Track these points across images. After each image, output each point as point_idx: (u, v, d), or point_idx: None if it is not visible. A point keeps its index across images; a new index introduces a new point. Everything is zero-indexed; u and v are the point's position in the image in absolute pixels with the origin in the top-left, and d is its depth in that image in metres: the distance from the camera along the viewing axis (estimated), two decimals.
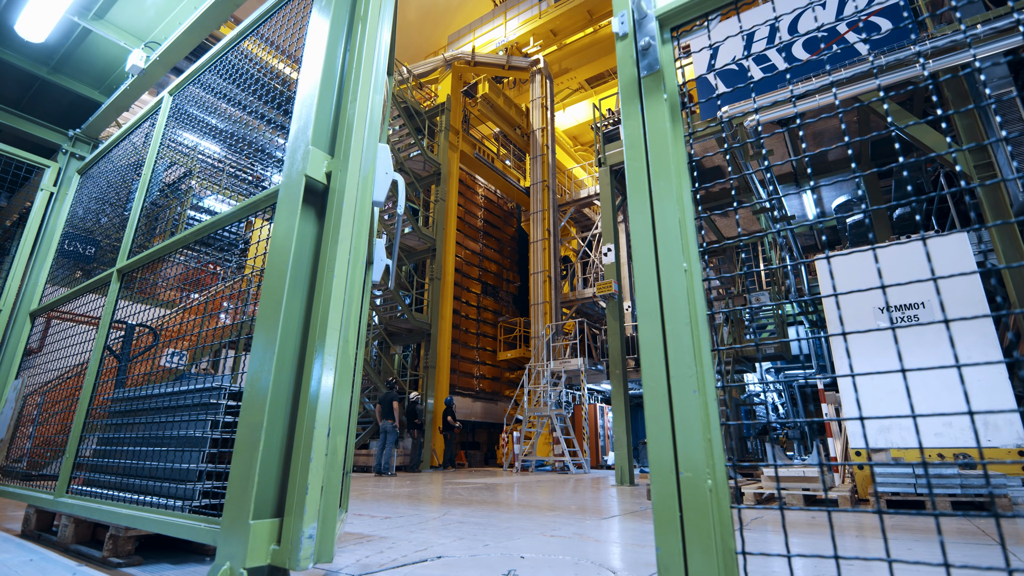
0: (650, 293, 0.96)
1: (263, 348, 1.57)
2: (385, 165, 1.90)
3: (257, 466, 1.44)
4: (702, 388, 0.88)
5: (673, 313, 0.93)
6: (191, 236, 2.41)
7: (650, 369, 0.92)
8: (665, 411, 0.89)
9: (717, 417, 0.87)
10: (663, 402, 0.90)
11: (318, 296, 1.63)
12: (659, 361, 0.92)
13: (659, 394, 0.91)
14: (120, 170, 3.76)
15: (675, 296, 0.94)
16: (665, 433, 0.89)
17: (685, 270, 0.94)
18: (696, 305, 0.92)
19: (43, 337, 5.01)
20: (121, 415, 2.62)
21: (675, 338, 0.91)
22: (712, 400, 0.87)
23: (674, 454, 0.87)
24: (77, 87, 4.43)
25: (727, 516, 0.82)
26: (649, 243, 0.99)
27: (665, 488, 0.86)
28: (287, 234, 1.67)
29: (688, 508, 0.83)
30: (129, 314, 2.94)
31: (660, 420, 0.90)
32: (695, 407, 0.87)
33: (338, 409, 1.57)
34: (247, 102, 2.77)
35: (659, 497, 0.87)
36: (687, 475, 0.85)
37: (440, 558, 2.47)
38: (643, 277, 0.98)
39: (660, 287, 0.96)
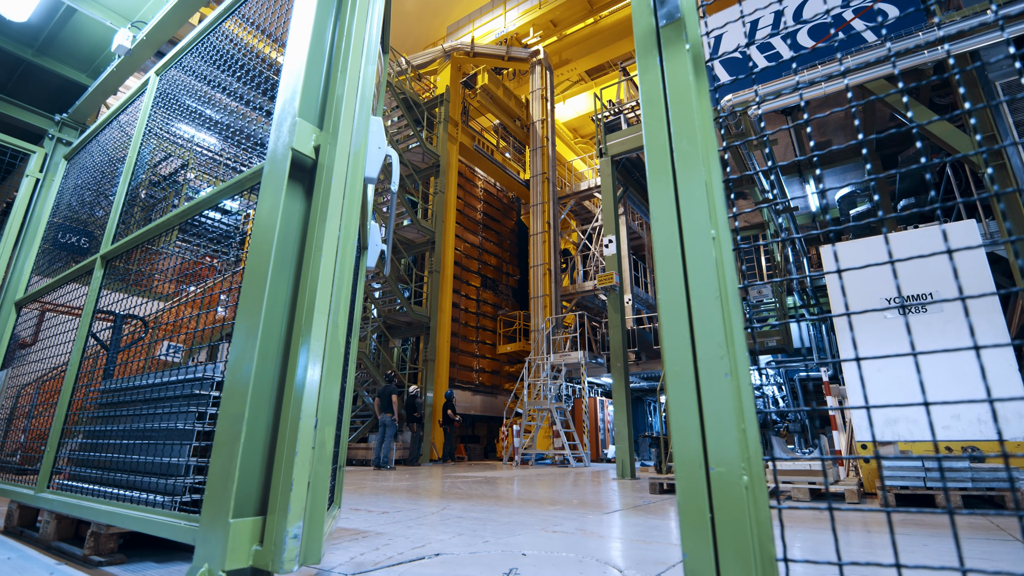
0: (672, 265, 0.85)
1: (245, 333, 1.45)
2: (378, 139, 1.78)
3: (238, 460, 1.32)
4: (734, 371, 0.77)
5: (700, 286, 0.81)
6: (175, 219, 2.29)
7: (673, 351, 0.81)
8: (692, 398, 0.78)
9: (752, 404, 0.76)
10: (689, 388, 0.79)
11: (305, 277, 1.51)
12: (684, 342, 0.81)
13: (684, 379, 0.80)
14: (107, 154, 3.64)
15: (702, 267, 0.82)
16: (691, 423, 0.78)
17: (713, 238, 0.83)
18: (726, 277, 0.81)
19: (37, 330, 4.89)
20: (104, 407, 2.51)
21: (703, 315, 0.80)
22: (746, 385, 0.77)
23: (703, 447, 0.76)
24: (63, 70, 4.30)
25: (766, 517, 0.71)
26: (671, 210, 0.87)
27: (692, 485, 0.75)
28: (272, 211, 1.56)
29: (720, 508, 0.73)
30: (126, 307, 2.82)
31: (685, 408, 0.79)
32: (727, 393, 0.76)
33: (326, 399, 1.45)
34: (235, 87, 2.64)
35: (686, 496, 0.76)
36: (719, 471, 0.74)
37: (438, 556, 2.37)
38: (664, 247, 0.86)
39: (684, 258, 0.84)
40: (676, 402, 0.79)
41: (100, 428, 2.44)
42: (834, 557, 2.44)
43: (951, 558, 2.42)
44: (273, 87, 2.23)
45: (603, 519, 3.57)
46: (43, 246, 4.04)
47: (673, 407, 0.79)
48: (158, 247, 2.68)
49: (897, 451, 4.97)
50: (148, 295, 2.82)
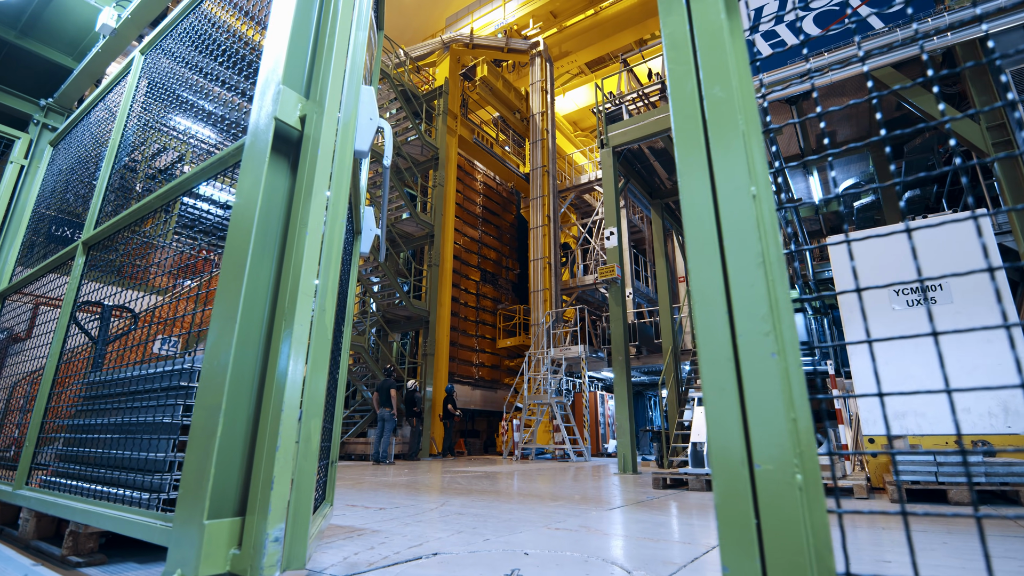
0: (704, 229, 0.72)
1: (223, 318, 1.33)
2: (370, 110, 1.65)
3: (214, 456, 1.20)
4: (782, 350, 0.65)
5: (739, 252, 0.69)
6: (156, 200, 2.16)
7: (707, 329, 0.69)
8: (731, 383, 0.66)
9: (804, 389, 0.64)
10: (727, 372, 0.67)
11: (289, 258, 1.39)
12: (719, 317, 0.69)
13: (720, 361, 0.68)
14: (93, 138, 3.50)
15: (741, 230, 0.70)
16: (731, 413, 0.66)
17: (754, 195, 0.71)
18: (769, 240, 0.69)
19: (31, 324, 4.77)
20: (85, 401, 2.39)
21: (743, 285, 0.68)
22: (796, 366, 0.65)
23: (745, 441, 0.64)
24: (48, 53, 4.15)
25: (823, 524, 0.59)
26: (701, 165, 0.75)
27: (733, 486, 0.64)
28: (253, 186, 1.43)
29: (768, 514, 0.61)
30: (118, 300, 2.69)
31: (723, 396, 0.67)
32: (774, 375, 0.64)
33: (312, 389, 1.33)
34: (223, 74, 2.50)
35: (725, 498, 0.64)
36: (766, 468, 0.63)
37: (436, 555, 2.25)
38: (695, 209, 0.74)
39: (719, 220, 0.72)
40: (712, 389, 0.67)
41: (81, 422, 2.33)
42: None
43: (973, 556, 2.31)
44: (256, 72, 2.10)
45: (607, 515, 3.46)
46: (28, 236, 3.91)
47: (709, 395, 0.67)
48: (151, 239, 2.55)
49: (907, 445, 4.86)
50: (138, 287, 2.70)
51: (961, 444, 0.68)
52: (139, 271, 2.48)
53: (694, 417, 5.79)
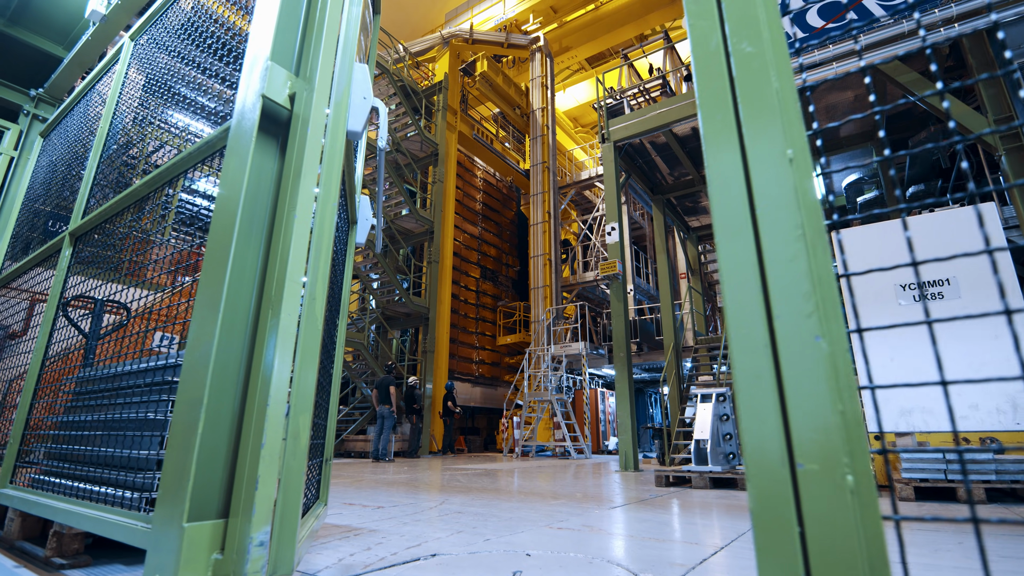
0: (733, 199, 0.64)
1: (206, 307, 1.25)
2: (363, 88, 1.56)
3: (195, 453, 1.12)
4: (828, 332, 0.56)
5: (775, 223, 0.61)
6: (143, 188, 2.07)
7: (739, 310, 0.61)
8: (767, 370, 0.58)
9: (852, 377, 0.55)
10: (762, 357, 0.58)
11: (276, 243, 1.30)
12: (752, 297, 0.60)
13: (754, 345, 0.59)
14: (82, 128, 3.41)
15: (776, 199, 0.62)
16: (767, 404, 0.58)
17: (791, 159, 0.63)
18: (810, 209, 0.60)
19: (27, 320, 4.69)
20: (70, 397, 2.31)
21: (780, 260, 0.60)
22: (843, 351, 0.56)
23: (785, 436, 0.56)
24: (38, 42, 4.06)
25: (878, 532, 0.51)
26: (729, 129, 0.67)
27: (771, 489, 0.55)
28: (239, 166, 1.34)
29: (814, 521, 0.53)
30: (111, 294, 2.60)
31: (758, 385, 0.58)
32: (819, 362, 0.56)
33: (301, 382, 1.25)
34: (214, 62, 2.41)
35: (762, 503, 0.56)
36: (810, 469, 0.54)
37: (435, 556, 2.17)
38: (722, 178, 0.66)
39: (750, 188, 0.64)
40: (745, 378, 0.59)
41: (66, 419, 2.24)
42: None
43: (992, 558, 2.23)
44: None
45: (610, 514, 3.39)
46: (17, 230, 3.83)
47: (741, 385, 0.59)
48: (140, 229, 2.46)
49: (914, 442, 4.78)
50: (128, 281, 2.61)
51: (957, 440, 0.60)
52: (128, 263, 2.39)
53: (697, 414, 5.71)
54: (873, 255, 6.17)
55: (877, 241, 6.20)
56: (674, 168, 10.57)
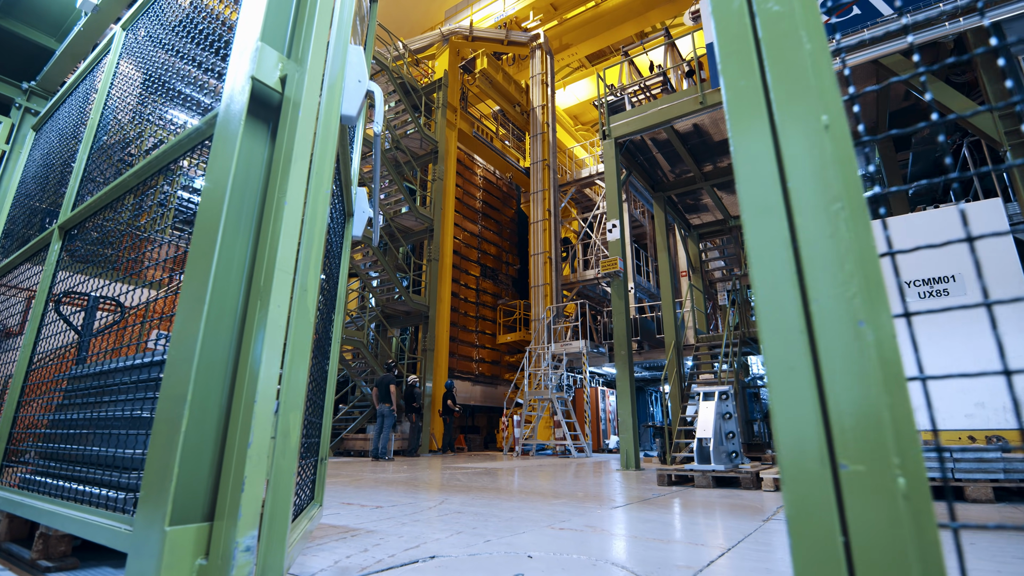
0: (762, 170, 0.58)
1: (191, 299, 1.18)
2: (358, 71, 1.49)
3: (178, 453, 1.06)
4: (873, 317, 0.50)
5: (810, 196, 0.55)
6: (132, 179, 2.01)
7: (769, 293, 0.54)
8: (802, 360, 0.52)
9: (901, 366, 0.49)
10: (797, 345, 0.52)
11: (266, 231, 1.24)
12: (784, 277, 0.54)
13: (787, 332, 0.53)
14: (73, 121, 3.35)
15: (811, 169, 0.55)
16: (803, 397, 0.51)
17: (826, 126, 0.56)
18: (849, 179, 0.54)
19: (24, 318, 4.63)
20: (59, 395, 2.24)
21: (816, 237, 0.53)
22: (890, 337, 0.50)
23: (825, 433, 0.50)
24: (30, 33, 3.99)
25: (934, 542, 0.45)
26: (756, 95, 0.60)
27: (809, 493, 0.49)
28: (227, 152, 1.28)
29: (861, 530, 0.46)
30: (110, 292, 2.54)
31: (792, 376, 0.52)
32: (863, 351, 0.49)
33: (292, 377, 1.19)
34: (209, 53, 2.34)
35: (799, 509, 0.49)
36: (855, 470, 0.48)
37: (434, 558, 2.11)
38: (747, 146, 0.59)
39: (781, 158, 0.57)
40: (777, 369, 0.53)
41: (54, 417, 2.18)
42: None
43: (1007, 560, 2.17)
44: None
45: (612, 514, 3.33)
46: (8, 226, 3.76)
47: (773, 376, 0.53)
48: (132, 221, 2.39)
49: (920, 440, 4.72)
50: (119, 276, 2.55)
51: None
52: (119, 258, 2.33)
53: (699, 412, 5.65)
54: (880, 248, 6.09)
55: (881, 236, 6.11)
56: (675, 165, 10.51)
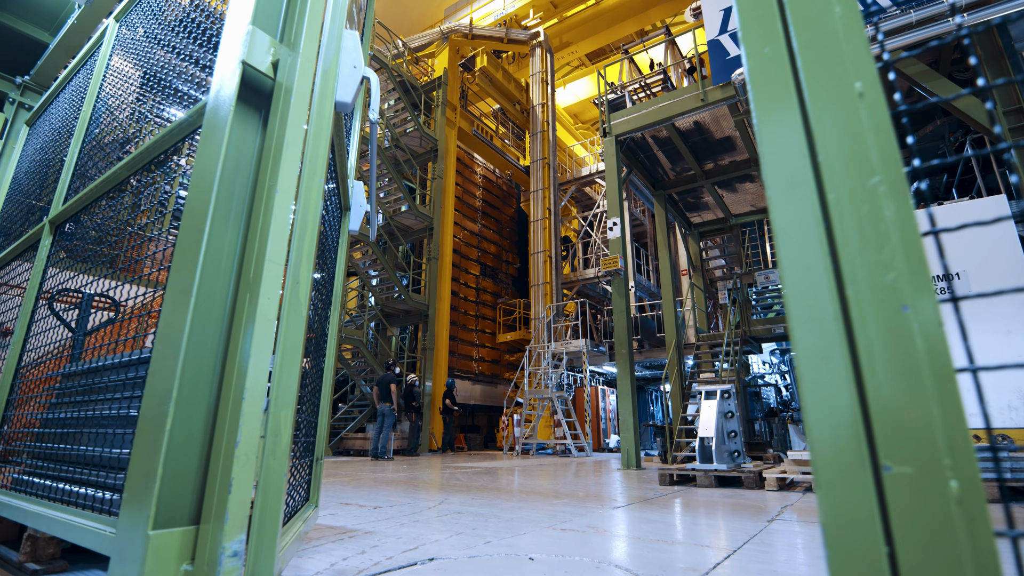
0: (789, 142, 0.52)
1: (177, 292, 1.13)
2: (353, 57, 1.44)
3: (162, 452, 1.01)
4: (918, 301, 0.45)
5: (843, 169, 0.49)
6: (123, 171, 1.96)
7: (798, 278, 0.49)
8: (838, 349, 0.46)
9: (950, 356, 0.44)
10: (831, 333, 0.47)
11: (256, 221, 1.18)
12: (815, 257, 0.49)
13: (820, 318, 0.48)
14: (70, 115, 3.29)
15: (845, 141, 0.50)
16: (839, 391, 0.46)
17: (860, 94, 0.51)
18: (887, 151, 0.49)
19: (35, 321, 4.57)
20: (49, 393, 2.19)
21: (850, 216, 0.48)
22: (936, 324, 0.45)
23: (866, 431, 0.44)
24: (24, 27, 3.93)
25: (991, 552, 0.40)
26: (781, 61, 0.55)
27: (848, 498, 0.44)
28: (216, 139, 1.23)
29: (908, 540, 0.41)
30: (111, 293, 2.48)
31: (826, 368, 0.47)
32: (908, 338, 0.44)
33: (284, 373, 1.14)
34: (203, 44, 2.28)
35: (835, 516, 0.44)
36: (900, 472, 0.43)
37: (433, 560, 2.06)
38: (772, 117, 0.54)
39: (810, 130, 0.52)
40: (809, 359, 0.48)
41: (43, 416, 2.13)
42: None
43: None
44: None
45: (615, 515, 3.27)
46: (1, 223, 3.71)
47: (805, 368, 0.48)
48: (124, 213, 2.34)
49: None
50: (111, 273, 2.49)
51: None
52: (111, 253, 2.27)
53: (701, 411, 5.59)
54: None
55: None
56: (676, 163, 10.45)
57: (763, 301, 12.53)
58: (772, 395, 17.42)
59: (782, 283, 0.52)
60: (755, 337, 11.46)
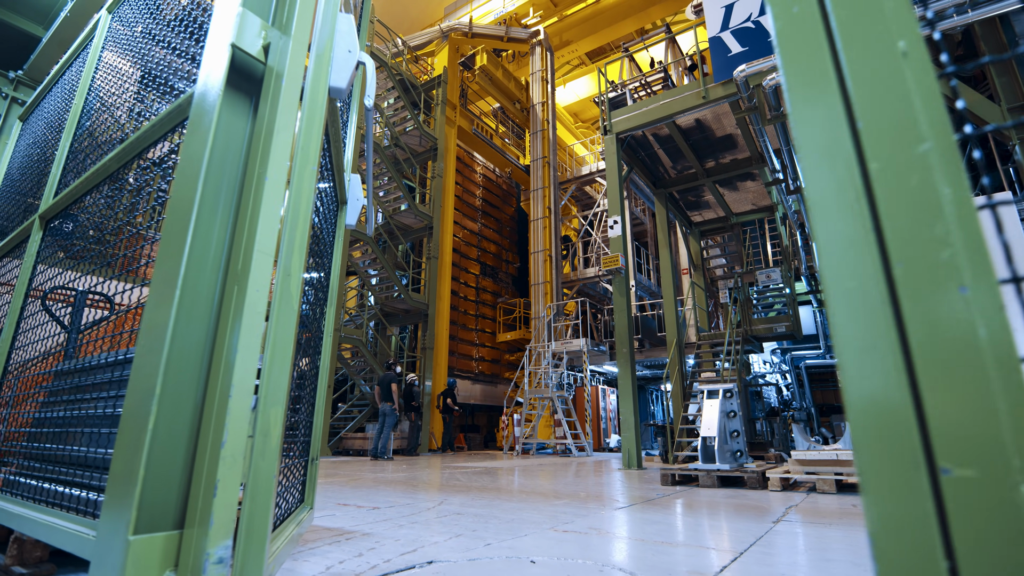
0: (823, 107, 0.47)
1: (162, 284, 1.08)
2: (348, 41, 1.38)
3: (144, 453, 0.95)
4: (977, 283, 0.40)
5: (886, 139, 0.44)
6: (113, 163, 1.90)
7: (838, 257, 0.44)
8: (885, 336, 0.41)
9: (1014, 343, 0.39)
10: (879, 318, 0.41)
11: (245, 210, 1.13)
12: (859, 237, 0.43)
13: (864, 305, 0.42)
14: (62, 110, 3.24)
15: (888, 105, 0.45)
16: (887, 383, 0.41)
17: (904, 53, 0.46)
18: (934, 117, 0.44)
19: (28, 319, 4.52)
20: (43, 393, 2.14)
21: (897, 187, 0.43)
22: (998, 307, 0.40)
23: (920, 429, 0.39)
24: (17, 21, 3.87)
25: None
26: (813, 17, 0.50)
27: (898, 504, 0.38)
28: (204, 125, 1.17)
29: (971, 554, 0.36)
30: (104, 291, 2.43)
31: (872, 357, 0.41)
32: (966, 324, 0.39)
33: (274, 370, 1.08)
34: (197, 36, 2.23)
35: (885, 525, 0.39)
36: (961, 475, 0.37)
37: (431, 563, 2.01)
38: (804, 78, 0.49)
39: (847, 93, 0.47)
40: (850, 347, 0.42)
41: (33, 416, 2.07)
42: None
43: None
44: None
45: (617, 515, 3.22)
46: None
47: (846, 357, 0.42)
48: (116, 205, 2.28)
49: None
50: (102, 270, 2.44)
51: None
52: (98, 248, 2.22)
53: (703, 410, 5.54)
54: None
55: None
56: (677, 161, 10.40)
57: (764, 300, 12.48)
58: (773, 394, 17.39)
59: (819, 265, 0.47)
60: (756, 336, 11.41)
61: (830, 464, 4.50)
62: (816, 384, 16.46)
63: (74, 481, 1.50)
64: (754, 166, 10.28)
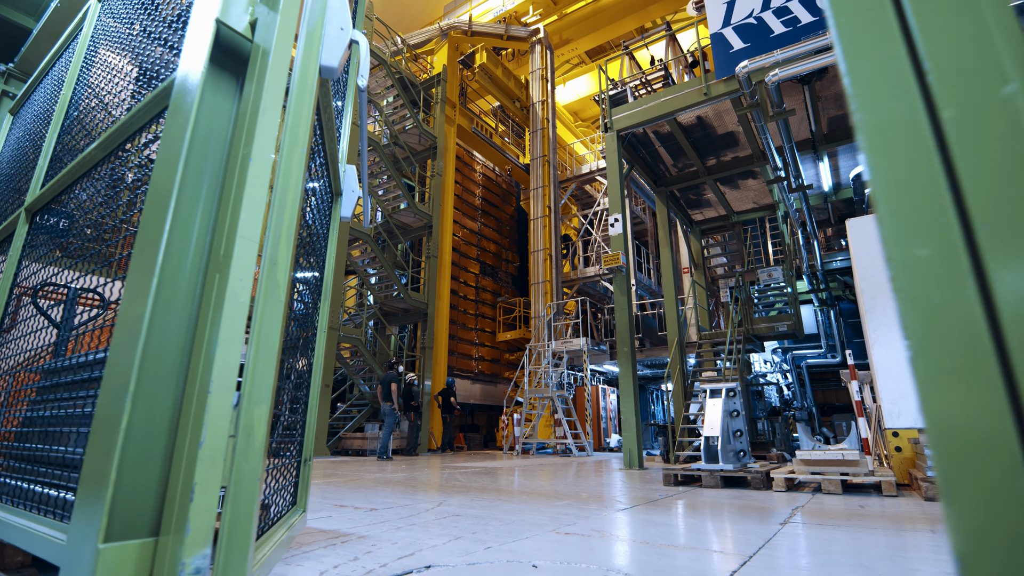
0: (882, 43, 0.40)
1: (139, 273, 1.00)
2: (341, 18, 1.31)
3: (116, 455, 0.88)
4: None
5: (963, 83, 0.37)
6: (98, 151, 1.83)
7: (903, 221, 0.37)
8: (970, 319, 0.34)
9: None
10: (956, 289, 0.35)
11: (228, 194, 1.06)
12: (931, 194, 0.36)
13: (938, 272, 0.36)
14: (52, 101, 3.16)
15: (963, 45, 0.38)
16: (971, 374, 0.34)
17: None
18: (1020, 51, 0.36)
19: (14, 316, 4.45)
20: (11, 392, 2.06)
21: (975, 135, 0.36)
22: None
23: (1017, 425, 0.32)
24: (8, 13, 3.80)
25: None
26: None
27: (993, 513, 0.31)
28: (186, 106, 1.10)
29: None
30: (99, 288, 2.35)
31: (946, 337, 0.35)
32: None
33: (258, 365, 1.01)
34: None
35: (975, 542, 0.32)
36: None
37: (430, 568, 1.93)
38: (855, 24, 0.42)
39: (911, 35, 0.40)
40: (920, 333, 0.35)
41: (13, 415, 2.00)
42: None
43: None
44: None
45: (620, 517, 3.15)
46: None
47: (917, 344, 0.35)
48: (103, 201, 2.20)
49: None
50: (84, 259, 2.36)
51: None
52: (84, 240, 2.14)
53: (706, 410, 5.47)
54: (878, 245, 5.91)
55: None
56: (678, 159, 10.32)
57: (765, 299, 12.41)
58: (774, 394, 17.32)
59: (881, 231, 0.40)
60: (757, 335, 11.33)
61: (836, 464, 4.43)
62: (817, 383, 16.39)
63: (50, 482, 1.43)
64: (756, 164, 10.21)
